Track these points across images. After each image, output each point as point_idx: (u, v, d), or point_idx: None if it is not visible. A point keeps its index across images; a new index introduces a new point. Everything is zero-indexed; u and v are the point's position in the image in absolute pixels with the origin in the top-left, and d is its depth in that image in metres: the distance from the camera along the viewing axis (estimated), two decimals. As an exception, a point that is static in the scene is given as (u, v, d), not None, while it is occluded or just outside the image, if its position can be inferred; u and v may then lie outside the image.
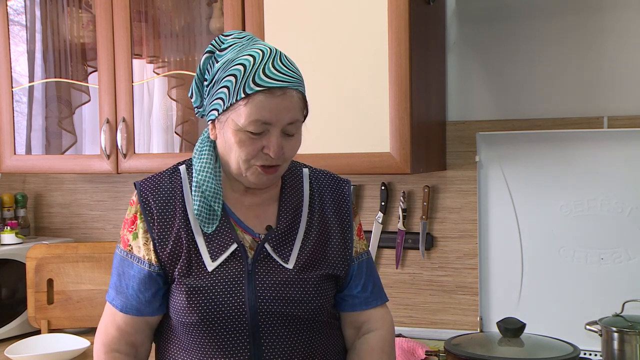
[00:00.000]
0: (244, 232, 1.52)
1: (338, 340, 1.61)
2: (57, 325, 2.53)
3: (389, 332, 1.63)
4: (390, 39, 2.02)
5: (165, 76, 2.51)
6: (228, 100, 1.43)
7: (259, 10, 2.19)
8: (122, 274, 1.54)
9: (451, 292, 2.40)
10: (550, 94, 2.27)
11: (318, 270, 1.52)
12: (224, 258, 1.48)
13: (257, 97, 1.40)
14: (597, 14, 2.21)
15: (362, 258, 1.61)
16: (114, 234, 2.90)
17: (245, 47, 1.45)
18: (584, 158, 2.16)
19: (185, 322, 1.48)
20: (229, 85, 1.42)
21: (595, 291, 2.16)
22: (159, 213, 1.51)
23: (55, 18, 2.64)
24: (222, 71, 1.44)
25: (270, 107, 1.41)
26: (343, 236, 1.57)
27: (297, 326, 1.49)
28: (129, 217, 1.54)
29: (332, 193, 1.60)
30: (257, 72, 1.40)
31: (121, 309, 1.53)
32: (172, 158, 2.38)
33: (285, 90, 1.42)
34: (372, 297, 1.61)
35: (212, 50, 1.49)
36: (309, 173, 1.62)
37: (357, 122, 2.08)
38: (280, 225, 1.52)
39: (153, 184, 1.55)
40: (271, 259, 1.50)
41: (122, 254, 1.54)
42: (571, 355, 1.78)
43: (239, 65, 1.42)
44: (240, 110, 1.41)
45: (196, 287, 1.46)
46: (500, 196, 2.26)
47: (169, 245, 1.49)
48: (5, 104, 2.63)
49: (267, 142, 1.43)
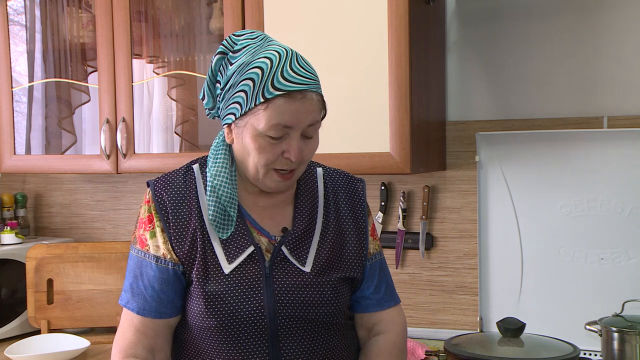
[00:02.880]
0: (260, 234, 1.49)
1: (353, 341, 1.60)
2: (57, 325, 2.53)
3: (400, 335, 1.60)
4: (390, 39, 2.02)
5: (165, 76, 2.51)
6: (246, 104, 1.39)
7: (258, 10, 2.19)
8: (140, 275, 1.49)
9: (451, 292, 2.40)
10: (550, 94, 2.27)
11: (335, 274, 1.50)
12: (241, 261, 1.46)
13: (277, 102, 1.38)
14: (596, 14, 2.21)
15: (376, 259, 1.60)
16: (114, 234, 2.90)
17: (260, 49, 1.42)
18: (584, 158, 2.16)
19: (202, 327, 1.45)
20: (246, 89, 1.39)
21: (595, 291, 2.16)
22: (174, 212, 1.48)
23: (55, 18, 2.64)
24: (238, 74, 1.40)
25: (290, 111, 1.38)
26: (358, 237, 1.56)
27: (315, 329, 1.48)
28: (144, 217, 1.50)
29: (347, 192, 1.59)
30: (276, 76, 1.37)
31: (138, 311, 1.48)
32: (172, 158, 2.39)
33: (305, 94, 1.40)
34: (385, 298, 1.60)
35: (224, 51, 1.45)
36: (323, 173, 1.60)
37: (357, 122, 2.08)
38: (297, 227, 1.50)
39: (167, 182, 1.51)
40: (288, 262, 1.48)
41: (139, 254, 1.49)
42: (571, 355, 1.78)
43: (256, 68, 1.38)
44: (260, 115, 1.38)
45: (214, 291, 1.43)
46: (500, 196, 2.26)
47: (186, 245, 1.46)
48: (5, 104, 2.63)
49: (287, 146, 1.41)
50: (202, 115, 2.52)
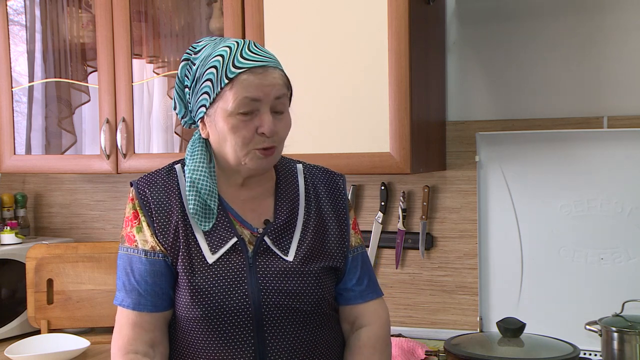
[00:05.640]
0: (242, 226, 1.54)
1: (339, 334, 1.62)
2: (57, 325, 2.53)
3: (382, 328, 1.63)
4: (390, 39, 2.02)
5: (165, 76, 2.51)
6: (213, 91, 1.47)
7: (258, 11, 2.19)
8: (132, 272, 1.52)
9: (451, 292, 2.40)
10: (550, 94, 2.27)
11: (318, 263, 1.53)
12: (224, 251, 1.50)
13: (241, 77, 1.45)
14: (597, 14, 2.21)
15: (358, 252, 1.63)
16: (114, 234, 2.90)
17: (218, 44, 1.51)
18: (584, 158, 2.16)
19: (189, 317, 1.49)
20: (211, 77, 1.47)
21: (595, 291, 2.15)
22: (156, 206, 1.52)
23: (55, 18, 2.64)
24: (201, 67, 1.49)
25: (255, 84, 1.46)
26: (340, 229, 1.59)
27: (300, 319, 1.50)
28: (130, 214, 1.55)
29: (327, 187, 1.62)
30: (236, 57, 1.46)
31: (134, 307, 1.51)
32: (172, 158, 2.36)
33: (265, 68, 1.47)
34: (367, 290, 1.62)
35: (187, 57, 1.55)
36: (303, 168, 1.64)
37: (357, 122, 2.08)
38: (279, 219, 1.54)
39: (149, 180, 1.57)
40: (271, 252, 1.51)
41: (128, 251, 1.54)
42: (571, 355, 1.78)
43: (217, 56, 1.47)
44: (227, 95, 1.46)
45: (199, 282, 1.47)
46: (500, 196, 2.26)
47: (169, 237, 1.51)
48: (5, 104, 2.63)
49: (259, 122, 1.47)
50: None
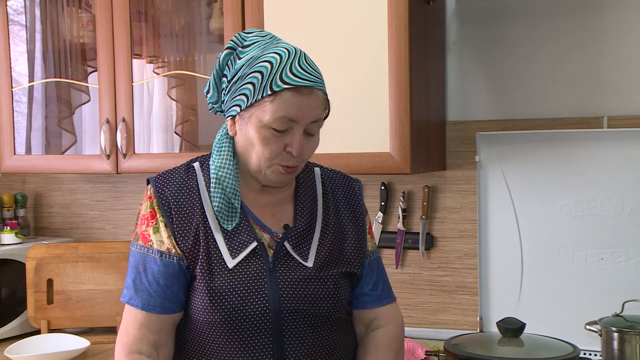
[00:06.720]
0: (262, 230, 1.52)
1: (352, 337, 1.63)
2: (57, 325, 2.53)
3: (398, 329, 1.64)
4: (390, 39, 2.02)
5: (165, 76, 2.51)
6: (253, 96, 1.43)
7: (258, 11, 2.19)
8: (144, 271, 1.49)
9: (451, 292, 2.40)
10: (550, 94, 2.27)
11: (336, 268, 1.53)
12: (244, 255, 1.48)
13: (285, 95, 1.41)
14: (597, 14, 2.21)
15: (373, 256, 1.64)
16: (114, 234, 2.90)
17: (269, 45, 1.46)
18: (584, 158, 2.16)
19: (206, 321, 1.46)
20: (254, 81, 1.42)
21: (595, 291, 2.16)
22: (176, 207, 1.49)
23: (55, 18, 2.64)
24: (246, 67, 1.44)
25: (297, 105, 1.42)
26: (357, 234, 1.59)
27: (318, 324, 1.50)
28: (147, 213, 1.51)
29: (344, 192, 1.62)
30: (285, 70, 1.41)
31: (143, 307, 1.48)
32: (172, 158, 2.38)
33: (312, 90, 1.43)
34: (383, 295, 1.63)
35: (233, 47, 1.49)
36: (321, 172, 1.63)
37: (357, 122, 2.08)
38: (298, 224, 1.53)
39: (168, 178, 1.53)
40: (291, 258, 1.50)
41: (142, 250, 1.50)
42: (571, 355, 1.78)
43: (265, 62, 1.42)
44: (266, 107, 1.42)
45: (218, 286, 1.45)
46: (500, 196, 2.26)
47: (189, 240, 1.48)
48: (5, 104, 2.63)
49: (290, 140, 1.44)
50: (202, 115, 2.52)
